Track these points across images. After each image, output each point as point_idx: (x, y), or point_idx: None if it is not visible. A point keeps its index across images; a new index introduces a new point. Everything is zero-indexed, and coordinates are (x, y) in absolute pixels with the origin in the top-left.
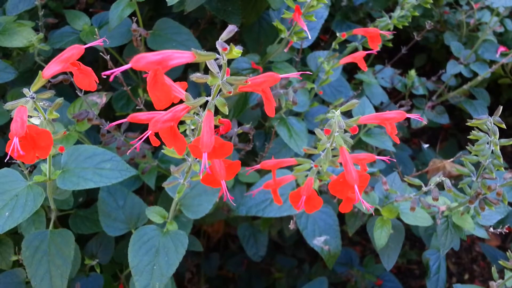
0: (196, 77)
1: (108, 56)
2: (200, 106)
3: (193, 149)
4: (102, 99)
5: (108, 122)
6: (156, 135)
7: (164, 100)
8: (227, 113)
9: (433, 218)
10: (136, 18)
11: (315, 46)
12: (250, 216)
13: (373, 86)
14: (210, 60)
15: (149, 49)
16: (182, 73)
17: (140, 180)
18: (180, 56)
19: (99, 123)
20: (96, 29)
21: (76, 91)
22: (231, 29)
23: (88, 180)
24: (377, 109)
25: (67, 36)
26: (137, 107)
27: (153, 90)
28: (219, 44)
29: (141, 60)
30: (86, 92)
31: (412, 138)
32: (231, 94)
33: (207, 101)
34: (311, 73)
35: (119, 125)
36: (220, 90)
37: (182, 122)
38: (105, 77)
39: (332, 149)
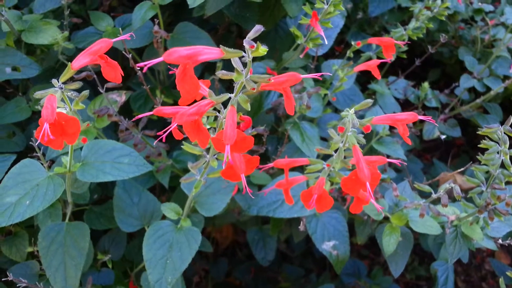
0: (221, 74)
1: (130, 55)
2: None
3: (216, 142)
4: (121, 97)
5: (127, 119)
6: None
7: (192, 93)
8: (249, 109)
9: (442, 228)
10: (157, 21)
11: (329, 56)
12: (260, 221)
13: (386, 97)
14: (235, 58)
15: None
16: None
17: (154, 178)
18: (209, 52)
19: (118, 120)
20: (120, 29)
21: (98, 88)
22: (257, 29)
23: (106, 173)
24: None
25: (91, 36)
26: (154, 106)
27: (182, 83)
28: (246, 42)
29: (173, 54)
30: (106, 91)
31: (424, 154)
32: (254, 91)
33: (229, 98)
34: (330, 74)
35: (136, 123)
36: (243, 88)
37: None
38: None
39: (344, 150)
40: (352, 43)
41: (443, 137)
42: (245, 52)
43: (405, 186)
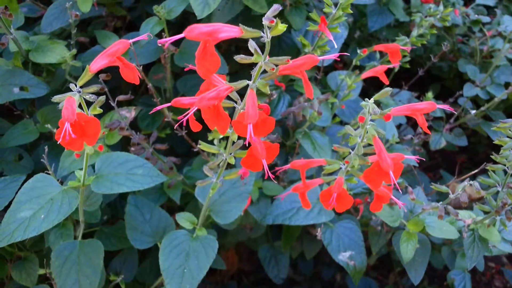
0: (240, 57)
1: (141, 67)
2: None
3: (237, 125)
4: (131, 113)
5: (138, 133)
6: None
7: (212, 70)
8: (268, 93)
9: (459, 233)
10: (165, 35)
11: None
12: (271, 238)
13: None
14: (251, 42)
15: (175, 67)
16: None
17: (165, 195)
18: (229, 30)
19: (129, 134)
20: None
21: (108, 103)
22: (276, 8)
23: (121, 184)
24: None
25: (97, 54)
26: (165, 119)
27: (203, 61)
28: (266, 18)
29: (194, 30)
30: (117, 104)
31: (427, 172)
32: (273, 72)
33: (247, 86)
34: (348, 54)
35: (147, 137)
36: (262, 73)
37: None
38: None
39: (363, 147)
40: (358, 51)
41: (472, 111)
42: (263, 32)
43: (418, 192)
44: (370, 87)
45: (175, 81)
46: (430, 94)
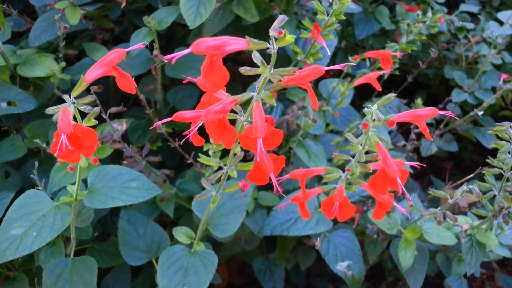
0: (245, 69)
1: (134, 77)
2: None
3: (244, 139)
4: (122, 125)
5: (131, 146)
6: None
7: (220, 84)
8: (275, 104)
9: (457, 238)
10: (156, 45)
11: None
12: (265, 250)
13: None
14: (255, 54)
15: (166, 79)
16: None
17: (158, 209)
18: (236, 43)
19: (122, 147)
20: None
21: (101, 114)
22: (282, 19)
23: (115, 198)
24: None
25: (87, 67)
26: (157, 132)
27: (210, 75)
28: (273, 30)
29: (201, 44)
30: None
31: (415, 179)
32: (280, 83)
33: (251, 97)
34: (354, 63)
35: (140, 150)
36: (266, 84)
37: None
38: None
39: (365, 153)
40: (350, 58)
41: (480, 113)
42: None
43: (414, 199)
44: (356, 97)
45: (165, 93)
46: (419, 101)
